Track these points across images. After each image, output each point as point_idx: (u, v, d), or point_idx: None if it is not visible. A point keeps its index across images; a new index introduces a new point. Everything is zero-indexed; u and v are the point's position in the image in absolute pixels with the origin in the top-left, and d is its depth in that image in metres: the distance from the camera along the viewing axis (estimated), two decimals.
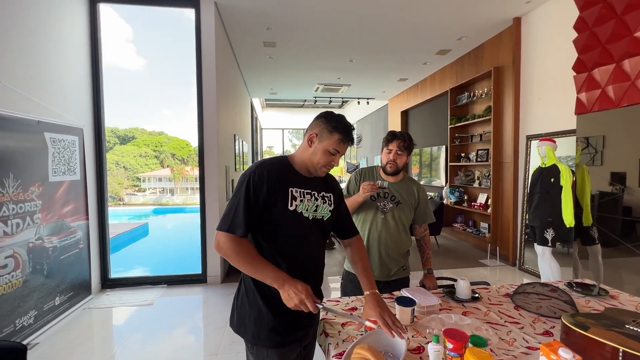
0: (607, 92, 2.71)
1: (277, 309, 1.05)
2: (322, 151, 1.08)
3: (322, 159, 1.08)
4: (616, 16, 2.62)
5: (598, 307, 1.34)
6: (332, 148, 1.07)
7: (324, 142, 1.08)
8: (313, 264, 1.15)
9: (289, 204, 1.06)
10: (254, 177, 1.03)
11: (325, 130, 1.08)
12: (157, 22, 35.52)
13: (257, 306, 1.07)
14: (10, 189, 2.26)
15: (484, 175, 4.99)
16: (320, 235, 1.17)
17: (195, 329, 2.71)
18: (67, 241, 2.87)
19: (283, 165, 1.11)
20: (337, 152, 1.09)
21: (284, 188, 1.06)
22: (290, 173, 1.11)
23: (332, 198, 1.19)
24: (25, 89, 2.46)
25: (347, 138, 1.08)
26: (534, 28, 3.92)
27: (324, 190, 1.17)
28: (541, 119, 3.83)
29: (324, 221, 1.15)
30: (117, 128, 21.51)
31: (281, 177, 1.07)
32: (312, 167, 1.11)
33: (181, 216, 12.82)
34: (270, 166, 1.07)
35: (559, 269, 3.05)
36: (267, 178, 1.03)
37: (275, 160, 1.12)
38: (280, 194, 1.05)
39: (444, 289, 1.52)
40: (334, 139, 1.07)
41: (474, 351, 0.85)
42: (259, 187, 1.03)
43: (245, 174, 1.07)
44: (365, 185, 1.57)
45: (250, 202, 1.02)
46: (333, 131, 1.07)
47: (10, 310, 2.24)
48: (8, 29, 2.33)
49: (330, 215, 1.17)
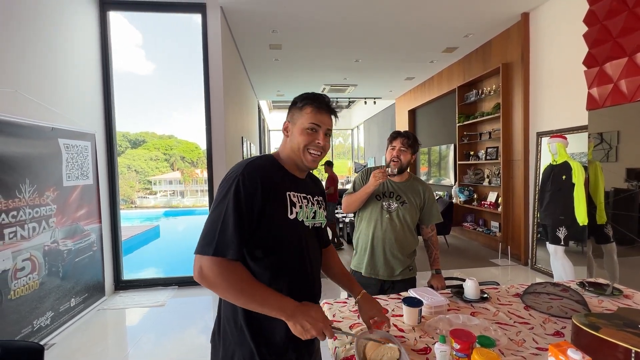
0: (620, 87, 2.65)
1: (275, 348, 0.87)
2: (298, 132, 0.91)
3: (302, 140, 0.90)
4: (627, 9, 2.56)
5: (611, 307, 1.31)
6: (307, 123, 0.90)
7: (297, 123, 0.92)
8: (313, 279, 0.99)
9: (288, 211, 0.88)
10: (243, 181, 0.82)
11: (295, 111, 0.94)
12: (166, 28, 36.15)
13: (247, 347, 0.86)
14: (27, 194, 2.34)
15: (494, 174, 4.91)
16: (318, 246, 1.02)
17: (206, 329, 2.75)
18: (81, 244, 2.95)
19: (272, 165, 0.92)
20: (315, 126, 0.90)
21: (281, 193, 0.88)
22: (282, 174, 0.93)
23: (322, 202, 1.05)
24: (39, 97, 2.54)
25: (319, 105, 0.91)
26: (542, 23, 3.85)
27: (317, 194, 1.02)
28: (552, 116, 3.75)
29: (321, 229, 1.02)
30: (128, 132, 21.94)
31: (274, 180, 0.88)
32: (297, 157, 0.92)
33: (191, 218, 12.98)
34: (260, 167, 0.88)
35: (572, 268, 2.98)
36: (260, 181, 0.84)
37: (263, 160, 0.92)
38: (278, 200, 0.87)
39: (452, 289, 1.51)
40: (306, 113, 0.91)
41: (482, 352, 0.85)
42: (252, 193, 0.82)
43: (228, 178, 0.85)
44: (376, 173, 1.57)
45: (242, 213, 0.80)
46: (302, 106, 0.92)
47: (29, 312, 2.31)
48: (22, 40, 2.41)
49: (325, 221, 1.04)
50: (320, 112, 0.91)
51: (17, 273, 2.23)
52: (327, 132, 0.93)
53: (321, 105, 0.92)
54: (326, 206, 1.08)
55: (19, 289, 2.24)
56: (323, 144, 0.92)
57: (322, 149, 0.92)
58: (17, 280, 2.22)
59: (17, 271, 2.23)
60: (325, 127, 0.92)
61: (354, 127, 14.10)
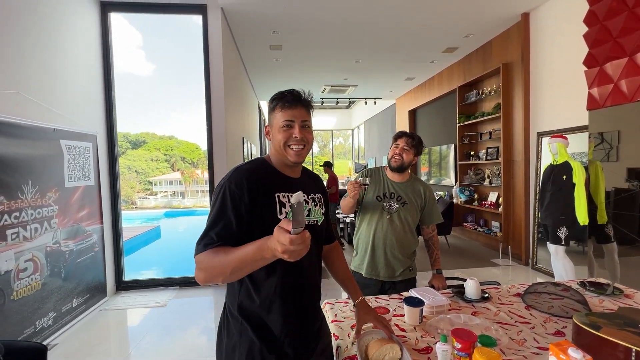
0: (620, 87, 2.65)
1: (272, 341, 0.90)
2: (276, 131, 0.94)
3: (280, 137, 0.93)
4: (628, 9, 2.56)
5: (612, 307, 1.32)
6: (281, 121, 0.93)
7: (273, 124, 0.96)
8: (309, 274, 0.99)
9: (277, 212, 0.90)
10: (230, 186, 0.87)
11: (270, 113, 0.98)
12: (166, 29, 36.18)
13: (248, 338, 0.90)
14: (29, 195, 2.35)
15: (494, 174, 4.92)
16: (316, 243, 1.00)
17: (207, 329, 2.75)
18: (82, 245, 2.96)
19: (262, 167, 0.96)
20: (289, 122, 0.92)
21: (269, 194, 0.91)
22: (272, 175, 0.96)
23: (322, 199, 1.06)
24: (41, 99, 2.55)
25: (285, 100, 0.93)
26: (542, 23, 3.86)
27: (313, 191, 1.03)
28: (552, 116, 3.76)
29: (318, 226, 1.02)
30: (128, 133, 21.97)
31: (263, 182, 0.92)
32: (282, 155, 0.95)
33: (192, 219, 12.99)
34: (248, 171, 0.92)
35: (573, 268, 2.99)
36: (247, 184, 0.88)
37: (252, 163, 0.97)
38: (266, 201, 0.90)
39: (453, 289, 1.51)
40: (277, 112, 0.94)
41: (483, 351, 0.85)
42: (239, 196, 0.86)
43: (218, 186, 0.91)
44: (349, 186, 1.58)
45: (228, 215, 0.85)
46: (274, 107, 0.96)
47: (31, 312, 2.32)
48: (24, 42, 2.42)
49: (323, 218, 1.04)
50: (290, 107, 0.93)
51: (20, 274, 2.24)
52: (303, 125, 0.94)
53: (289, 100, 0.93)
54: (325, 203, 1.08)
55: (21, 290, 2.25)
56: (300, 137, 0.93)
57: (302, 141, 0.93)
58: (19, 280, 2.23)
59: (19, 272, 2.24)
60: (299, 120, 0.93)
61: (354, 128, 14.11)
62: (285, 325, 0.92)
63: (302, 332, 0.96)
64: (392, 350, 0.94)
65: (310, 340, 0.98)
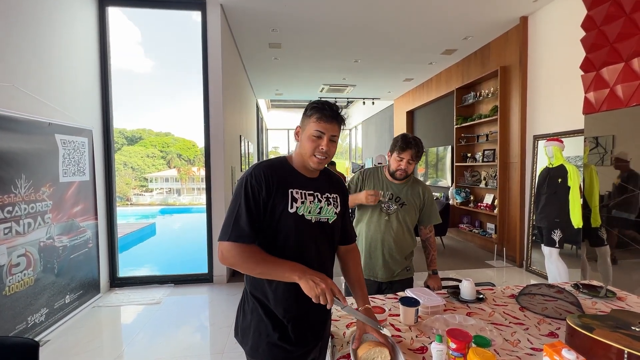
0: (616, 92, 2.68)
1: (277, 322, 1.01)
2: (306, 138, 1.01)
3: (308, 146, 1.00)
4: (625, 14, 2.59)
5: (605, 309, 1.33)
6: (313, 130, 0.99)
7: (305, 129, 1.02)
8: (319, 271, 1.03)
9: (289, 206, 0.99)
10: (251, 180, 0.98)
11: (305, 117, 1.04)
12: (165, 25, 35.93)
13: (258, 316, 1.02)
14: (22, 190, 2.32)
15: (491, 176, 4.95)
16: (326, 240, 1.08)
17: (202, 327, 2.74)
18: (76, 240, 2.93)
19: (282, 166, 1.06)
20: (320, 134, 1.00)
21: (284, 189, 1.00)
22: (289, 173, 1.05)
23: (338, 199, 1.11)
24: (37, 92, 2.52)
25: (323, 113, 0.99)
26: (541, 27, 3.89)
27: (328, 191, 1.09)
28: (548, 119, 3.79)
29: (329, 224, 1.07)
30: (124, 129, 21.80)
31: (280, 178, 1.01)
32: (305, 160, 1.03)
33: (188, 216, 12.92)
34: (267, 167, 1.01)
35: (567, 271, 3.01)
36: (265, 179, 0.98)
37: (273, 161, 1.07)
38: (280, 195, 0.99)
39: (448, 290, 1.52)
40: (312, 121, 1.00)
41: (477, 351, 0.86)
42: (258, 190, 0.97)
43: (242, 177, 1.01)
44: (370, 194, 1.59)
45: (250, 206, 0.96)
46: (310, 114, 1.02)
47: (23, 308, 2.30)
48: (20, 35, 2.39)
49: (336, 217, 1.09)
50: (325, 120, 1.00)
51: (12, 269, 2.22)
52: (331, 138, 1.02)
53: (326, 113, 1.00)
54: (342, 203, 1.14)
55: (13, 285, 2.22)
56: (326, 149, 1.01)
57: (326, 153, 1.01)
58: (12, 276, 2.21)
59: (12, 267, 2.21)
60: (329, 134, 1.01)
61: (351, 128, 14.12)
62: (289, 312, 1.01)
63: (305, 323, 1.03)
64: (381, 354, 0.94)
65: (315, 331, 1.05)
